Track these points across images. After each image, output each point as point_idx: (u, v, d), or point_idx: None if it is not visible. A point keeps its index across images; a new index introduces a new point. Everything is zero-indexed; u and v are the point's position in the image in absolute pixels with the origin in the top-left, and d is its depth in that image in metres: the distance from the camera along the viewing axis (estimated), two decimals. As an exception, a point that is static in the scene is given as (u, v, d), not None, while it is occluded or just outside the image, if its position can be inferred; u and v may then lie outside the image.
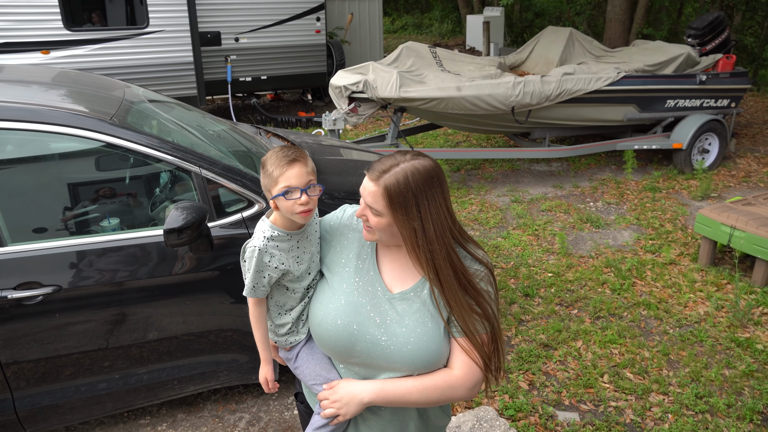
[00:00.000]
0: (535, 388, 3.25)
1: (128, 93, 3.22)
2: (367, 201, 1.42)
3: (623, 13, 11.00)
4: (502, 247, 4.96)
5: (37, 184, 2.58)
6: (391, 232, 1.43)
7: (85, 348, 2.54)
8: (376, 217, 1.42)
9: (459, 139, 8.30)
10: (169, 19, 7.81)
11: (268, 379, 1.70)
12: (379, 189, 1.38)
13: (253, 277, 1.53)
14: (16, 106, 2.45)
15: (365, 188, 1.42)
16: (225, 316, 2.76)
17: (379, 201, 1.39)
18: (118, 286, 2.53)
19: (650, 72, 6.62)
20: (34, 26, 7.07)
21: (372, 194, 1.40)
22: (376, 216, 1.42)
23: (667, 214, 5.61)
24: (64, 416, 2.63)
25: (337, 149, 4.12)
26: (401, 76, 5.80)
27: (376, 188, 1.39)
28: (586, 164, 7.16)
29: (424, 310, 1.46)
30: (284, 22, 9.18)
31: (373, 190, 1.40)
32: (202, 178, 2.67)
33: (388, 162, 1.41)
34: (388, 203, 1.38)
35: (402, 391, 1.46)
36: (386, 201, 1.38)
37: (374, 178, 1.40)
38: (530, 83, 5.95)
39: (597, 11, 15.05)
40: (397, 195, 1.37)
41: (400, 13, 24.60)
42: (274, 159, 1.49)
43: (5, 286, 2.34)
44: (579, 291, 4.25)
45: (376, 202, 1.40)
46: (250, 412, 3.08)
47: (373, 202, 1.40)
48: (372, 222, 1.43)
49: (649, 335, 3.72)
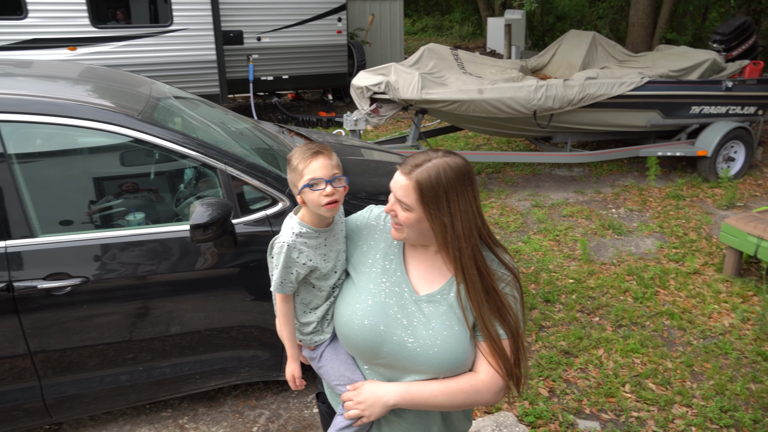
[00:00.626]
0: (555, 396, 3.22)
1: (155, 89, 3.25)
2: (398, 195, 1.41)
3: (646, 18, 10.87)
4: (523, 252, 4.92)
5: (66, 178, 2.62)
6: (419, 230, 1.43)
7: (109, 339, 2.57)
8: (405, 212, 1.41)
9: (480, 141, 8.27)
10: (192, 18, 7.88)
11: (295, 376, 1.70)
12: (410, 183, 1.38)
13: (281, 272, 1.54)
14: (46, 100, 2.48)
15: (396, 182, 1.42)
16: (246, 312, 2.77)
17: (410, 195, 1.39)
18: (142, 280, 2.55)
19: (675, 77, 6.53)
20: (62, 23, 7.18)
21: (403, 188, 1.40)
22: (406, 211, 1.41)
23: (691, 222, 5.53)
24: (89, 406, 2.66)
25: (358, 149, 4.12)
26: (423, 78, 5.79)
27: (408, 182, 1.39)
28: (608, 170, 7.09)
29: (450, 313, 1.45)
30: (306, 22, 9.22)
31: (405, 184, 1.39)
32: (227, 174, 2.68)
33: (421, 157, 1.41)
34: (419, 197, 1.38)
35: (427, 394, 1.45)
36: (417, 195, 1.38)
37: (406, 172, 1.40)
38: (553, 87, 5.91)
39: (620, 15, 14.91)
40: (428, 189, 1.37)
41: (420, 14, 24.59)
42: (298, 153, 1.51)
43: (35, 276, 2.37)
44: (600, 298, 4.20)
45: (406, 196, 1.39)
46: (270, 409, 3.09)
47: (404, 196, 1.40)
48: (401, 218, 1.42)
49: (672, 345, 3.67)
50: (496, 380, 1.44)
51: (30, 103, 2.43)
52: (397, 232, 1.47)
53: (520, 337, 1.46)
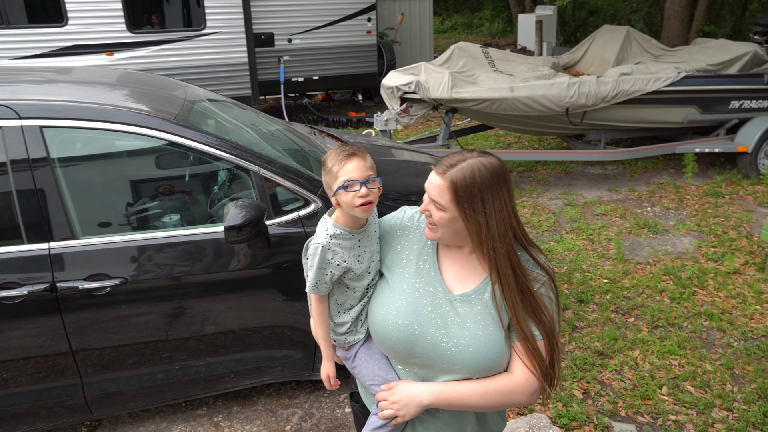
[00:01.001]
0: (590, 397, 3.17)
1: (189, 93, 3.31)
2: (432, 195, 1.41)
3: (683, 10, 10.60)
4: (555, 251, 4.86)
5: (104, 181, 2.69)
6: (453, 230, 1.43)
7: (146, 339, 2.63)
8: (439, 211, 1.41)
9: (510, 140, 8.19)
10: (225, 21, 8.00)
11: (330, 375, 1.71)
12: (445, 183, 1.39)
13: (316, 273, 1.55)
14: (86, 105, 2.56)
15: (431, 182, 1.42)
16: (279, 312, 2.80)
17: (444, 195, 1.39)
18: (178, 280, 2.61)
19: (713, 72, 6.36)
20: (100, 29, 7.37)
21: (438, 188, 1.40)
22: (440, 211, 1.41)
23: (731, 220, 5.38)
24: (127, 403, 2.73)
25: (389, 150, 4.13)
26: (453, 77, 5.76)
27: (443, 182, 1.39)
28: (643, 167, 6.94)
29: (485, 312, 1.44)
30: (336, 23, 9.27)
31: (439, 184, 1.40)
32: (260, 176, 2.72)
33: (456, 157, 1.41)
34: (454, 197, 1.38)
35: (462, 394, 1.44)
36: (452, 195, 1.38)
37: (441, 172, 1.40)
38: (586, 84, 5.82)
39: (654, 9, 14.58)
40: (463, 189, 1.37)
41: (450, 12, 24.46)
42: (333, 156, 1.52)
43: (77, 277, 2.45)
44: (636, 298, 4.12)
45: (441, 196, 1.39)
46: (303, 408, 3.12)
47: (438, 196, 1.40)
48: (435, 217, 1.43)
49: (712, 347, 3.58)
50: (531, 381, 1.43)
51: (71, 109, 2.51)
52: (432, 231, 1.48)
53: (555, 337, 1.44)
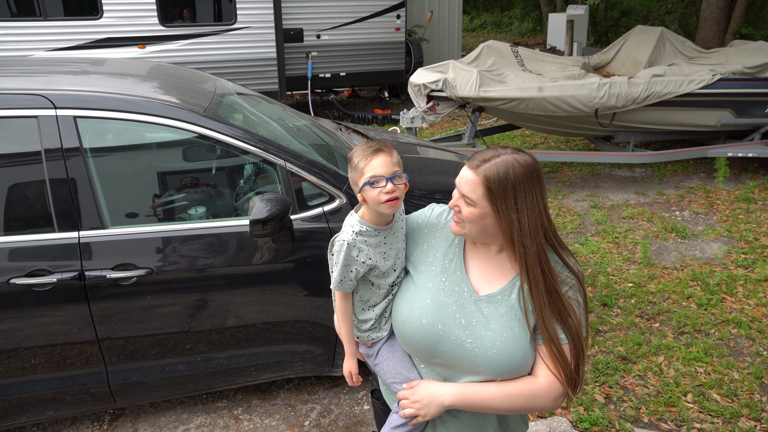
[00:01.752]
0: (612, 402, 3.13)
1: (219, 86, 3.34)
2: (463, 190, 1.40)
3: (720, 12, 10.36)
4: (580, 254, 4.80)
5: (133, 171, 2.73)
6: (481, 226, 1.41)
7: (170, 330, 2.67)
8: (469, 207, 1.40)
9: (537, 140, 8.10)
10: (255, 16, 8.07)
11: (352, 372, 1.71)
12: (478, 178, 1.37)
13: (341, 270, 1.55)
14: (119, 97, 2.60)
15: (462, 177, 1.41)
16: (300, 307, 2.82)
17: (476, 190, 1.37)
18: (202, 272, 2.64)
19: (750, 74, 6.20)
20: (133, 22, 7.49)
21: (470, 183, 1.38)
22: (470, 206, 1.40)
23: (763, 227, 5.24)
24: (149, 393, 2.77)
25: (414, 147, 4.12)
26: (481, 75, 5.72)
27: (475, 177, 1.38)
28: (673, 171, 6.81)
29: (511, 314, 1.43)
30: (365, 20, 9.27)
31: (472, 179, 1.38)
32: (286, 171, 2.73)
33: (489, 153, 1.40)
34: (486, 192, 1.36)
35: (484, 396, 1.43)
36: (484, 190, 1.36)
37: (474, 167, 1.39)
38: (616, 85, 5.72)
39: (690, 9, 14.27)
40: (496, 185, 1.35)
41: (479, 11, 24.29)
42: (359, 152, 1.51)
43: (105, 266, 2.49)
44: (661, 303, 4.05)
45: (473, 191, 1.38)
46: (322, 404, 3.13)
47: (470, 191, 1.38)
48: (464, 213, 1.41)
49: (740, 355, 3.49)
50: (555, 386, 1.41)
51: (104, 100, 2.55)
52: (458, 227, 1.46)
53: (581, 342, 1.42)
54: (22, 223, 2.48)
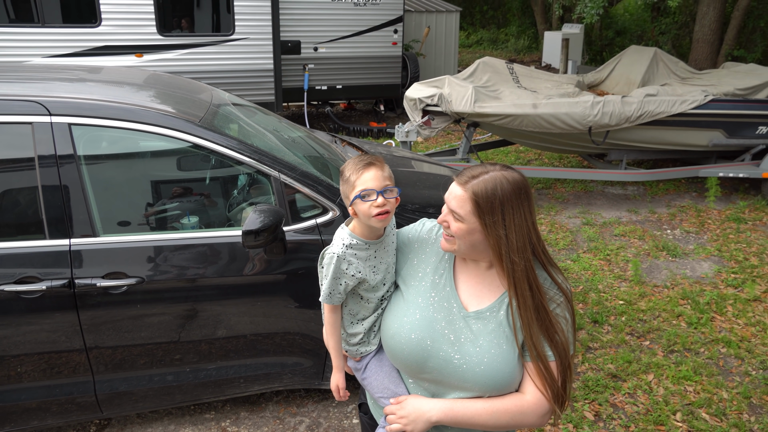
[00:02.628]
0: (601, 420, 3.12)
1: (215, 96, 3.35)
2: (452, 206, 1.41)
3: (712, 34, 10.50)
4: (571, 270, 4.81)
5: (127, 180, 2.73)
6: (470, 242, 1.42)
7: (159, 339, 2.65)
8: (457, 222, 1.41)
9: (530, 156, 8.15)
10: (253, 28, 8.11)
11: (340, 386, 1.71)
12: (466, 194, 1.38)
13: (330, 283, 1.55)
14: (114, 105, 2.60)
15: (451, 193, 1.42)
16: (291, 319, 2.81)
17: (464, 206, 1.39)
18: (193, 283, 2.63)
19: (741, 96, 6.28)
20: (131, 31, 7.52)
21: (458, 198, 1.40)
22: (458, 222, 1.41)
23: (753, 247, 5.28)
24: (137, 403, 2.75)
25: (408, 161, 4.13)
26: (477, 91, 5.76)
27: (464, 193, 1.39)
28: (664, 189, 6.86)
29: (499, 331, 1.43)
30: (362, 33, 9.34)
31: (460, 195, 1.39)
32: (280, 182, 2.73)
33: (478, 169, 1.41)
34: (474, 208, 1.37)
35: (471, 412, 1.43)
36: (472, 206, 1.38)
37: (462, 183, 1.40)
38: (610, 103, 5.78)
39: (683, 31, 14.45)
40: (484, 201, 1.37)
41: (476, 27, 24.50)
42: (351, 165, 1.52)
43: (95, 274, 2.48)
44: (652, 321, 4.06)
45: (461, 207, 1.39)
46: (311, 417, 3.11)
47: (458, 207, 1.39)
48: (453, 228, 1.42)
49: (729, 375, 3.50)
50: (542, 403, 1.41)
51: (100, 108, 2.56)
52: (448, 243, 1.47)
53: (568, 359, 1.43)
54: (13, 230, 2.47)
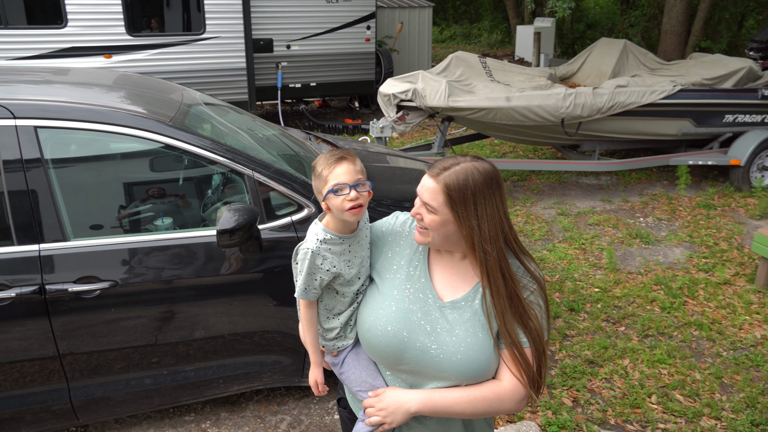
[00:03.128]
0: (580, 405, 3.17)
1: (186, 96, 3.32)
2: (425, 198, 1.42)
3: (680, 26, 10.69)
4: (548, 260, 4.88)
5: (98, 182, 2.69)
6: (444, 233, 1.43)
7: (135, 343, 2.62)
8: (430, 214, 1.42)
9: (505, 149, 8.22)
10: (224, 26, 8.03)
11: (318, 382, 1.71)
12: (438, 185, 1.40)
13: (305, 279, 1.55)
14: (82, 106, 2.56)
15: (423, 185, 1.43)
16: (269, 317, 2.80)
17: (437, 197, 1.40)
18: (169, 284, 2.60)
19: (708, 86, 6.41)
20: (99, 31, 7.38)
21: (431, 190, 1.41)
22: (431, 213, 1.42)
23: (722, 232, 5.40)
24: (114, 408, 2.72)
25: (384, 156, 4.14)
26: (450, 86, 5.79)
27: (436, 185, 1.40)
28: (637, 178, 6.97)
29: (475, 320, 1.45)
30: (335, 30, 9.30)
31: (432, 187, 1.41)
32: (254, 180, 2.72)
33: (449, 161, 1.43)
34: (447, 200, 1.39)
35: (449, 401, 1.45)
36: (445, 197, 1.39)
37: (434, 175, 1.41)
38: (582, 95, 5.85)
39: (652, 23, 14.68)
40: (456, 192, 1.38)
41: (449, 23, 24.57)
42: (322, 160, 1.52)
43: (66, 279, 2.44)
44: (627, 308, 4.14)
45: (433, 199, 1.40)
46: (292, 415, 3.11)
47: (431, 199, 1.41)
48: (426, 221, 1.43)
49: (701, 357, 3.59)
50: (518, 389, 1.43)
51: (66, 110, 2.51)
52: (422, 236, 1.48)
53: (542, 345, 1.45)
54: (-19, 236, 2.42)
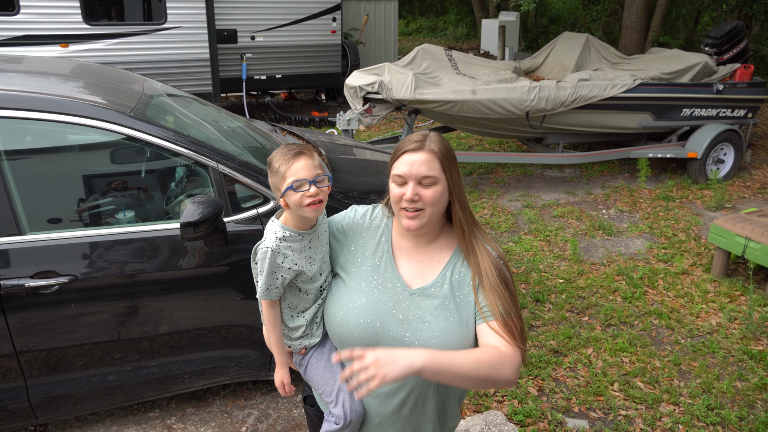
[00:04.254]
0: (545, 394, 3.23)
1: (147, 87, 3.24)
2: (422, 171, 1.40)
3: (639, 21, 10.93)
4: (514, 252, 4.94)
5: (56, 175, 2.60)
6: (440, 204, 1.45)
7: (97, 339, 2.56)
8: (432, 187, 1.41)
9: (472, 142, 8.29)
10: (186, 16, 7.85)
11: (285, 382, 1.68)
12: (429, 154, 1.41)
13: (266, 279, 1.51)
14: (37, 96, 2.47)
15: (413, 161, 1.40)
16: (236, 311, 2.77)
17: (434, 165, 1.41)
18: (131, 278, 2.54)
19: (666, 80, 6.58)
20: (54, 19, 7.13)
21: (425, 161, 1.40)
22: (432, 186, 1.41)
23: (681, 223, 5.57)
24: (75, 406, 2.65)
25: (351, 149, 4.12)
26: (416, 78, 5.79)
27: (428, 154, 1.41)
28: (599, 171, 7.12)
29: (445, 304, 1.46)
30: (300, 22, 9.20)
31: (425, 157, 1.40)
32: (218, 172, 2.67)
33: (417, 135, 1.45)
34: (443, 162, 1.41)
35: (455, 359, 1.27)
36: (439, 162, 1.41)
37: (417, 148, 1.42)
38: (545, 88, 5.93)
39: (613, 18, 14.97)
40: (445, 155, 1.42)
41: (415, 15, 24.59)
42: (279, 156, 1.48)
43: (22, 274, 2.36)
44: (590, 298, 4.23)
45: (431, 168, 1.40)
46: (259, 409, 3.08)
47: (429, 169, 1.40)
48: (428, 196, 1.41)
49: (661, 344, 3.69)
50: (516, 354, 1.37)
51: (20, 99, 2.42)
52: (417, 219, 1.42)
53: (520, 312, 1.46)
54: (-70, 231, 2.31)
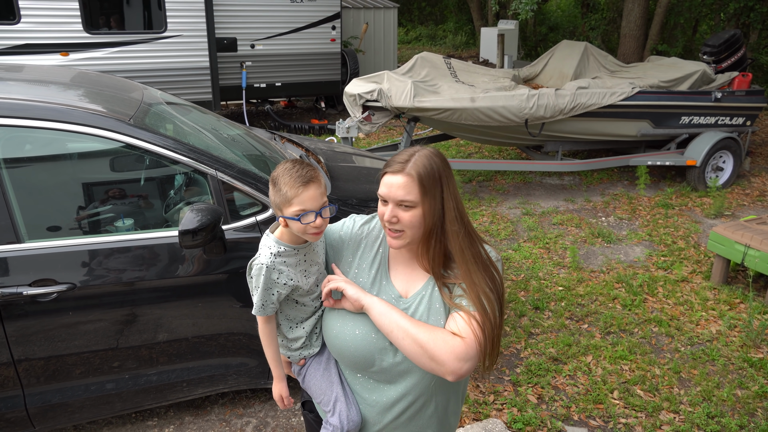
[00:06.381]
0: (544, 402, 3.22)
1: (146, 95, 3.25)
2: (399, 195, 1.38)
3: (638, 29, 10.98)
4: (513, 260, 4.94)
5: (55, 183, 2.61)
6: (421, 227, 1.42)
7: (96, 347, 2.55)
8: (409, 210, 1.39)
9: (471, 150, 8.30)
10: (186, 25, 7.89)
11: (283, 395, 1.68)
12: (409, 178, 1.38)
13: (262, 295, 1.49)
14: (37, 104, 2.48)
15: (392, 184, 1.39)
16: (235, 319, 2.76)
17: (413, 189, 1.38)
18: (130, 286, 2.54)
19: (665, 88, 6.60)
20: (54, 28, 7.16)
21: (403, 185, 1.38)
22: (410, 209, 1.39)
23: (680, 231, 5.57)
24: (73, 415, 2.64)
25: (350, 156, 4.13)
26: (416, 86, 5.81)
27: (406, 178, 1.38)
28: (599, 179, 7.13)
29: (434, 309, 1.46)
30: (300, 30, 9.24)
31: (403, 181, 1.38)
32: (217, 180, 2.68)
33: (404, 155, 1.42)
34: (421, 188, 1.38)
35: (399, 312, 1.41)
36: (419, 186, 1.38)
37: (398, 171, 1.39)
38: (544, 96, 5.95)
39: (611, 27, 15.04)
40: (428, 177, 1.38)
41: (414, 24, 24.70)
42: (287, 179, 1.42)
43: (21, 282, 2.36)
44: (589, 305, 4.22)
45: (409, 192, 1.38)
46: (258, 417, 3.07)
47: (407, 193, 1.38)
48: (405, 219, 1.40)
49: (660, 352, 3.68)
50: (461, 343, 1.34)
51: (20, 108, 2.43)
52: (399, 239, 1.43)
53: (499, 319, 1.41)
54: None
